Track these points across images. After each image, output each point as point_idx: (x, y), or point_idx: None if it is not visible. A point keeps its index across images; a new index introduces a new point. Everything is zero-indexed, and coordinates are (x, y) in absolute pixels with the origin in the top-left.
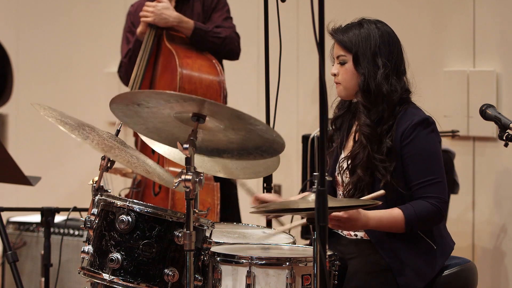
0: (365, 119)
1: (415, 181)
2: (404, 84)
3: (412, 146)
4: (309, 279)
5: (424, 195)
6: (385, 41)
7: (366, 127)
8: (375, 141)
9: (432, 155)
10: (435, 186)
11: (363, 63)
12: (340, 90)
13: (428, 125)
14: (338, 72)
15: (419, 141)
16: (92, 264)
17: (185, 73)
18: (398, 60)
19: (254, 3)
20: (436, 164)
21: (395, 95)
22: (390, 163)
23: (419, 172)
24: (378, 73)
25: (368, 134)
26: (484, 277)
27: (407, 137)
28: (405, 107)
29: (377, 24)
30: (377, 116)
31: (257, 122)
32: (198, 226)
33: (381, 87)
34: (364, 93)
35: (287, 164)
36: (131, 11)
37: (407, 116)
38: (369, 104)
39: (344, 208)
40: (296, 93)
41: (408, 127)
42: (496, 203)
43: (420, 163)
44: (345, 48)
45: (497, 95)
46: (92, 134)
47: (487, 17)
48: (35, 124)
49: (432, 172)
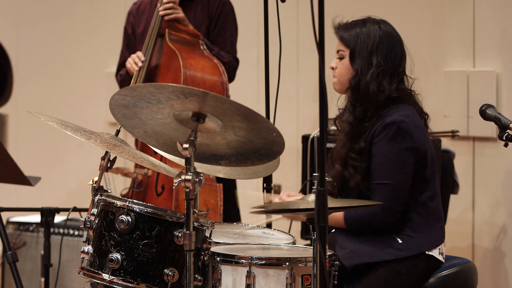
0: (348, 116)
1: (372, 181)
2: (398, 84)
3: (376, 146)
4: (309, 279)
5: (372, 196)
6: (385, 41)
7: (347, 124)
8: (353, 139)
9: (390, 160)
10: (382, 190)
11: (358, 59)
12: (335, 83)
13: (396, 128)
14: (336, 66)
15: (382, 143)
16: (92, 264)
17: (189, 74)
18: (396, 61)
19: (254, 3)
20: (392, 169)
21: (381, 96)
22: (360, 163)
23: (374, 173)
24: (369, 71)
25: (348, 131)
26: (484, 277)
27: (375, 137)
28: (388, 108)
29: (380, 24)
30: (361, 114)
31: (260, 117)
32: (198, 226)
33: (368, 85)
34: (353, 90)
35: (287, 164)
36: (132, 10)
37: (384, 116)
38: (355, 100)
39: (344, 209)
40: (296, 93)
41: (378, 128)
42: (496, 203)
43: (377, 164)
44: (344, 44)
45: (497, 95)
46: (93, 135)
47: (487, 17)
48: (35, 124)
49: (383, 176)
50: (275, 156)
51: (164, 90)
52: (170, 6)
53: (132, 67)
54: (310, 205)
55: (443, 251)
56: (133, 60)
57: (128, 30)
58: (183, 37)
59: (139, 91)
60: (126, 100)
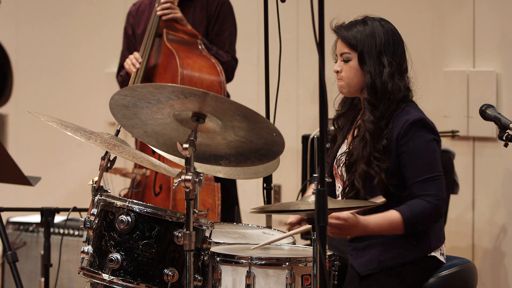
0: (369, 116)
1: (412, 180)
2: (406, 82)
3: (409, 144)
4: (309, 279)
5: (421, 193)
6: (389, 40)
7: (371, 123)
8: (377, 138)
9: (429, 153)
10: (432, 183)
11: (368, 61)
12: (343, 87)
13: (424, 124)
14: (341, 69)
15: (416, 139)
16: (91, 264)
17: (186, 74)
18: (401, 58)
19: (254, 3)
20: (434, 162)
21: (399, 94)
22: (384, 161)
23: (416, 171)
24: (384, 72)
25: (373, 130)
26: (484, 277)
27: (403, 136)
28: (403, 106)
29: (381, 22)
30: (380, 114)
31: (260, 117)
32: (198, 226)
33: (386, 85)
34: (370, 91)
35: (287, 164)
36: (132, 11)
37: (403, 115)
38: (375, 101)
39: (344, 209)
40: (296, 93)
41: (404, 126)
42: (496, 203)
43: (417, 161)
44: (349, 46)
45: (497, 95)
46: (93, 135)
47: (487, 17)
48: (35, 124)
49: (429, 170)
50: (275, 156)
51: (164, 90)
52: (168, 6)
53: (129, 68)
54: (310, 206)
55: (443, 251)
56: (130, 61)
57: (128, 31)
58: (181, 37)
59: (139, 91)
60: (126, 100)
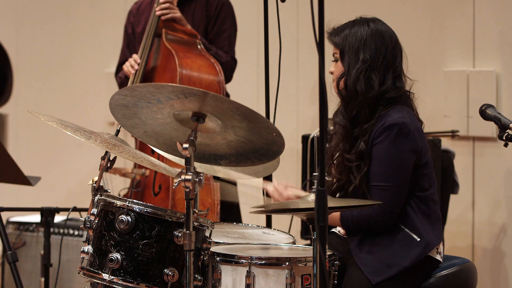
0: (341, 119)
1: (370, 183)
2: (394, 81)
3: (376, 148)
4: (308, 279)
5: (371, 198)
6: (373, 38)
7: (339, 126)
8: (348, 141)
9: (392, 162)
10: (382, 192)
11: (346, 57)
12: (334, 87)
13: (398, 130)
14: (333, 70)
15: (383, 144)
16: (91, 264)
17: (185, 73)
18: (386, 56)
19: (254, 3)
20: (394, 172)
21: (371, 92)
22: (358, 166)
23: (374, 176)
24: (355, 68)
25: (341, 133)
26: (483, 277)
27: (375, 138)
28: (387, 109)
29: (369, 22)
30: (352, 114)
31: (260, 117)
32: (198, 226)
33: (355, 83)
34: (343, 86)
35: (287, 164)
36: (133, 10)
37: (384, 118)
38: (344, 100)
39: (344, 209)
40: (296, 93)
41: (379, 129)
42: (496, 203)
43: (378, 167)
44: (335, 45)
45: (497, 95)
46: (93, 135)
47: (487, 17)
48: (35, 124)
49: (384, 179)
50: (275, 156)
51: (164, 90)
52: (167, 6)
53: (128, 70)
54: (310, 205)
55: (441, 250)
56: (129, 63)
57: (128, 30)
58: (180, 37)
59: (139, 91)
60: (126, 100)
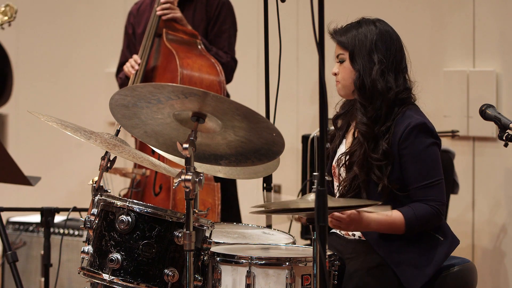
0: (362, 117)
1: (414, 184)
2: (404, 82)
3: (410, 149)
4: (309, 279)
5: (423, 197)
6: (383, 39)
7: (362, 125)
8: (371, 140)
9: (429, 158)
10: (433, 188)
11: (358, 59)
12: (339, 88)
13: (425, 128)
14: (338, 71)
15: (417, 144)
16: (92, 264)
17: (186, 73)
18: (396, 57)
19: (254, 3)
20: (435, 167)
21: (391, 92)
22: (386, 165)
23: (417, 175)
24: (373, 69)
25: (365, 132)
26: (484, 277)
27: (404, 140)
28: (404, 109)
29: (375, 23)
30: (373, 114)
31: (260, 117)
32: (198, 226)
33: (375, 83)
34: (359, 90)
35: (287, 164)
36: (133, 10)
37: (405, 119)
38: (364, 101)
39: (344, 208)
40: (296, 93)
41: (406, 130)
42: (496, 203)
43: (419, 166)
44: (342, 46)
45: (497, 95)
46: (93, 135)
47: (487, 17)
48: (35, 124)
49: (430, 175)
50: (275, 156)
51: (164, 90)
52: (167, 6)
53: (128, 70)
54: (310, 205)
55: None
56: (129, 64)
57: (128, 30)
58: (181, 37)
59: (139, 91)
60: (126, 100)
